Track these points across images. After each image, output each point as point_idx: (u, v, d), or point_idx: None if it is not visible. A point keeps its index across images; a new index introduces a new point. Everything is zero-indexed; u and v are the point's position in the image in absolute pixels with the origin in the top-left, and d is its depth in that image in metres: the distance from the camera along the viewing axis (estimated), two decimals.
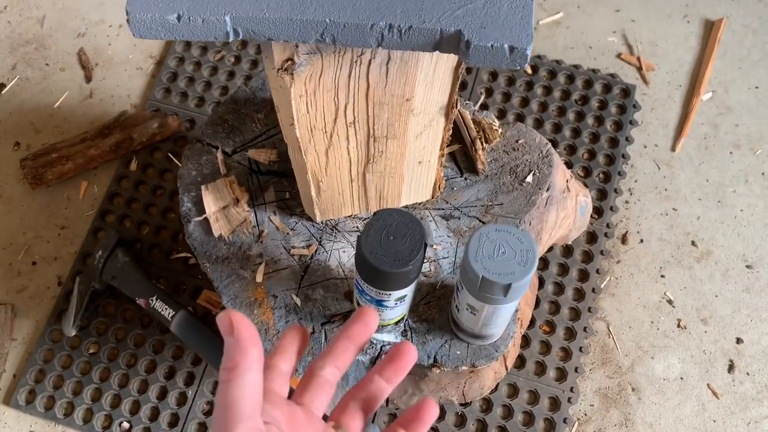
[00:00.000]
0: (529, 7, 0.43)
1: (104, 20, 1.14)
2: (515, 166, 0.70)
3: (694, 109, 1.06)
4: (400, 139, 0.56)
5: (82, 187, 1.04)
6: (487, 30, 0.42)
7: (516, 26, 0.43)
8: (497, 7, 0.44)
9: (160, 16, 0.42)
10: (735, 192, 1.02)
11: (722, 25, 1.10)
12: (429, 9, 0.43)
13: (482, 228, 0.51)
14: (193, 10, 0.43)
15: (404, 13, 0.43)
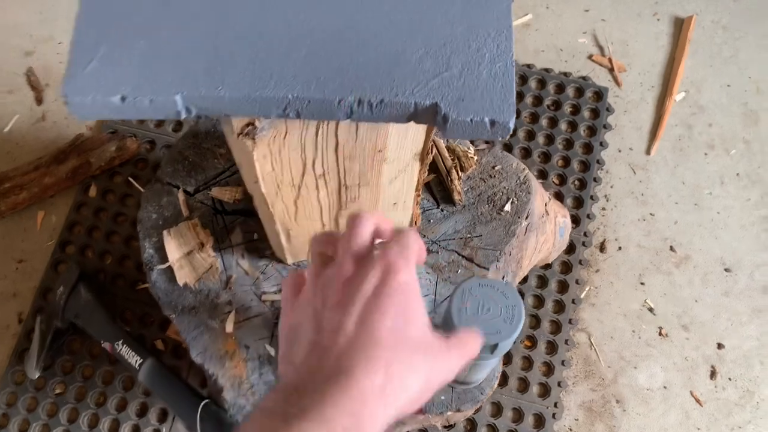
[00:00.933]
0: (509, 74, 0.40)
1: (53, 37, 1.08)
2: (492, 195, 0.68)
3: (668, 110, 1.04)
4: (374, 186, 0.53)
5: (38, 217, 0.98)
6: (466, 102, 0.39)
7: (497, 96, 0.40)
8: (475, 75, 0.41)
9: (103, 97, 0.39)
10: (711, 194, 1.01)
11: (692, 23, 1.08)
12: (401, 80, 0.40)
13: (465, 283, 0.48)
14: (139, 89, 0.39)
15: (374, 86, 0.40)
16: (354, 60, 0.41)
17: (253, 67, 0.40)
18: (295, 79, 0.40)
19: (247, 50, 0.41)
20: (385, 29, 0.42)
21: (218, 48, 0.41)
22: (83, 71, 0.40)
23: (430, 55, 0.41)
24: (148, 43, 0.41)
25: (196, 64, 0.40)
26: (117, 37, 0.41)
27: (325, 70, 0.40)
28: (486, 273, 0.64)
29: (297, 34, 0.42)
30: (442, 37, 0.42)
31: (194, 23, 0.42)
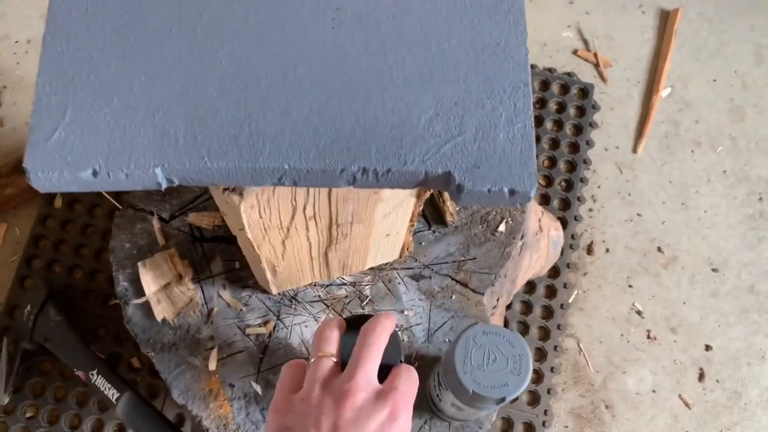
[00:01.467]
0: (529, 137, 0.37)
1: (9, 35, 1.01)
2: (486, 214, 0.65)
3: (654, 107, 1.02)
4: (367, 222, 0.50)
5: (1, 231, 0.93)
6: (482, 170, 0.36)
7: (515, 163, 0.36)
8: (491, 138, 0.37)
9: (71, 173, 0.34)
10: (698, 192, 0.99)
11: (678, 15, 1.06)
12: (410, 145, 0.36)
13: (468, 331, 0.45)
14: (112, 162, 0.35)
15: (380, 153, 0.36)
16: (358, 122, 0.37)
17: (243, 131, 0.36)
18: (291, 146, 0.36)
19: (235, 109, 0.36)
20: (393, 84, 0.38)
21: (200, 106, 0.36)
22: (47, 142, 0.35)
23: (441, 116, 0.37)
24: (120, 102, 0.36)
25: (176, 126, 0.36)
26: (84, 97, 0.36)
27: (325, 134, 0.36)
28: (481, 298, 0.61)
29: (293, 89, 0.37)
30: (454, 95, 0.38)
31: (171, 74, 0.37)
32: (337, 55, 0.38)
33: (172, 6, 0.39)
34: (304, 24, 0.39)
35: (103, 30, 0.38)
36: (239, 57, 0.38)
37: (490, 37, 0.40)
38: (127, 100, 0.37)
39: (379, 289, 0.62)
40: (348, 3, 0.40)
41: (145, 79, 0.37)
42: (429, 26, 0.40)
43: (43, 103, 0.37)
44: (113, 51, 0.38)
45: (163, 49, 0.38)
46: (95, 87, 0.37)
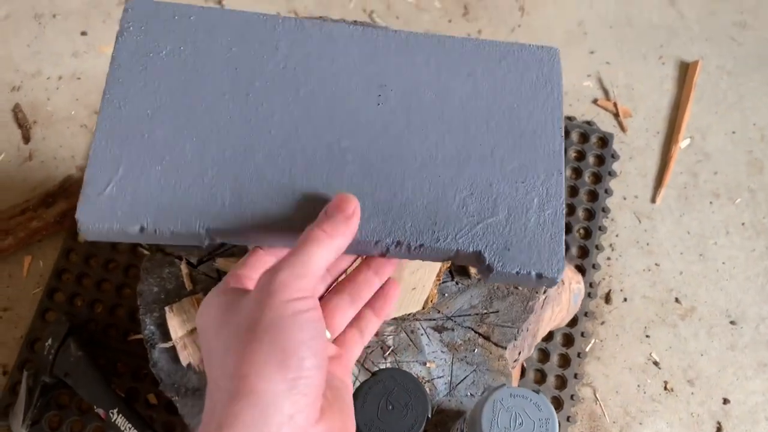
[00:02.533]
0: (559, 223, 0.38)
1: (41, 71, 1.04)
2: None
3: (673, 157, 1.03)
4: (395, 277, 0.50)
5: (25, 263, 0.94)
6: (512, 252, 0.37)
7: (545, 248, 0.37)
8: (523, 222, 0.38)
9: (121, 227, 0.36)
10: (716, 244, 1.00)
11: (698, 67, 1.07)
12: (444, 223, 0.38)
13: (495, 393, 0.46)
14: (160, 221, 0.36)
15: (415, 228, 0.37)
16: (395, 196, 0.38)
17: (287, 200, 0.38)
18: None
19: (280, 176, 0.38)
20: (431, 163, 0.39)
21: (247, 171, 0.38)
22: (100, 195, 0.37)
23: (475, 196, 0.39)
24: (172, 162, 0.38)
25: (223, 189, 0.37)
26: (137, 154, 0.38)
27: (363, 206, 0.37)
28: (503, 352, 0.62)
29: (336, 161, 0.39)
30: (489, 177, 0.39)
31: (222, 138, 0.39)
32: (380, 130, 0.40)
33: (227, 72, 0.40)
34: (351, 98, 0.40)
35: (160, 90, 0.40)
36: (288, 126, 0.39)
37: (527, 123, 0.41)
38: (178, 160, 0.38)
39: (401, 339, 0.63)
40: (394, 81, 0.41)
41: (196, 140, 0.39)
42: (469, 108, 0.41)
43: (98, 158, 0.38)
44: (168, 111, 0.39)
45: (216, 113, 0.39)
46: (149, 145, 0.38)
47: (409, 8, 1.12)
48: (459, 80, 0.42)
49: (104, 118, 0.39)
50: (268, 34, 0.42)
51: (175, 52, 0.41)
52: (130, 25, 0.41)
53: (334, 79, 0.41)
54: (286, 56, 0.41)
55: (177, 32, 0.41)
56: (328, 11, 1.11)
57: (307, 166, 0.38)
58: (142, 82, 0.40)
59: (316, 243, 0.35)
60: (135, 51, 0.40)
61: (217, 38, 0.41)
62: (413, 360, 0.62)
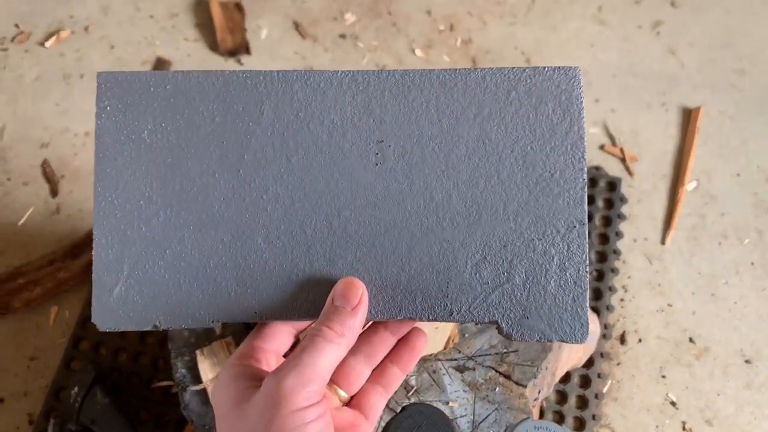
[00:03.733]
0: (582, 283, 0.36)
1: (69, 128, 1.09)
2: None
3: (680, 200, 1.05)
4: None
5: (52, 313, 0.97)
6: (531, 320, 0.35)
7: (567, 311, 0.35)
8: (542, 286, 0.36)
9: (134, 327, 0.37)
10: (727, 284, 1.01)
11: (700, 113, 1.11)
12: (456, 293, 0.36)
13: (519, 427, 0.48)
14: (171, 319, 0.37)
15: (426, 303, 0.36)
16: (402, 269, 0.36)
17: (291, 281, 0.37)
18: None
19: (282, 259, 0.37)
20: (438, 226, 0.37)
21: (249, 257, 0.37)
22: (110, 299, 0.37)
23: (488, 260, 0.36)
24: (172, 255, 0.38)
25: (227, 280, 0.37)
26: (138, 251, 0.37)
27: (370, 283, 0.36)
28: (524, 390, 0.63)
29: (337, 236, 0.37)
30: (502, 236, 0.37)
31: (218, 223, 0.38)
32: (381, 195, 0.38)
33: (214, 147, 0.39)
34: (347, 160, 0.38)
35: (148, 177, 0.38)
36: (284, 201, 0.38)
37: (544, 167, 0.38)
38: (178, 253, 0.37)
39: (424, 379, 0.64)
40: (391, 134, 0.38)
41: (193, 229, 0.38)
42: (477, 157, 0.38)
43: (101, 258, 0.37)
44: (160, 200, 0.38)
45: (208, 195, 0.38)
46: (147, 239, 0.38)
47: (419, 62, 1.17)
48: (464, 124, 0.38)
49: (100, 215, 0.38)
50: (251, 94, 0.38)
51: (157, 130, 0.38)
52: (106, 105, 0.39)
53: (327, 139, 0.38)
54: (272, 121, 0.38)
55: (155, 106, 0.39)
56: (342, 66, 1.16)
57: (309, 244, 0.37)
58: (130, 170, 0.38)
59: (325, 343, 0.34)
60: (117, 134, 0.38)
61: (198, 108, 0.38)
62: (436, 399, 0.64)
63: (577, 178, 0.38)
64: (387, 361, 0.40)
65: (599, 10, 1.23)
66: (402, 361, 0.40)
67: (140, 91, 0.38)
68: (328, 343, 0.34)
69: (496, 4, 1.23)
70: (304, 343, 0.34)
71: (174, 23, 1.19)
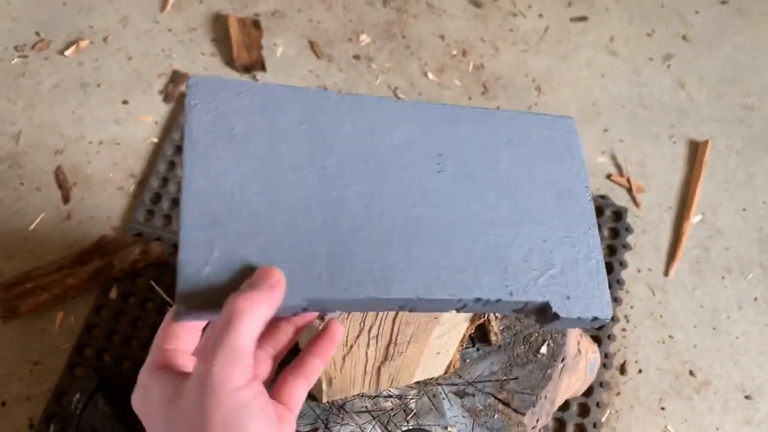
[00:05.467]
0: (602, 271, 0.43)
1: (83, 137, 1.10)
2: (528, 335, 0.68)
3: (685, 232, 1.06)
4: (422, 342, 0.53)
5: (57, 319, 0.98)
6: (572, 300, 0.41)
7: (596, 293, 0.42)
8: (575, 272, 0.42)
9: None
10: (729, 318, 1.02)
11: (707, 147, 1.12)
12: (513, 278, 0.41)
13: None
14: None
15: (491, 284, 0.41)
16: (468, 258, 0.41)
17: (375, 266, 0.40)
18: (416, 279, 0.40)
19: (366, 244, 0.40)
20: (492, 225, 0.43)
21: (336, 242, 0.40)
22: (199, 276, 0.37)
23: (534, 252, 0.43)
24: (264, 240, 0.39)
25: (318, 262, 0.39)
26: (229, 233, 0.38)
27: (443, 268, 0.41)
28: (522, 418, 0.64)
29: (412, 228, 0.42)
30: (541, 234, 0.43)
31: (308, 212, 0.40)
32: (445, 197, 0.44)
33: (301, 147, 0.43)
34: (414, 167, 0.44)
35: (240, 168, 0.41)
36: (364, 196, 0.42)
37: (560, 185, 0.45)
38: (270, 237, 0.39)
39: (423, 403, 0.65)
40: (448, 150, 0.45)
41: (285, 216, 0.40)
42: (514, 174, 0.45)
43: (191, 239, 0.38)
44: (251, 189, 0.40)
45: (299, 187, 0.41)
46: (240, 223, 0.39)
47: (431, 85, 1.18)
48: (501, 149, 0.46)
49: (191, 198, 0.39)
50: (333, 109, 0.44)
51: (247, 129, 0.42)
52: (197, 103, 0.42)
53: (397, 150, 0.44)
54: (351, 132, 0.44)
55: (245, 110, 0.42)
56: (355, 87, 1.17)
57: (388, 234, 0.41)
58: (221, 160, 0.41)
59: (244, 316, 0.34)
60: (207, 129, 0.41)
61: (286, 115, 0.43)
62: (435, 424, 0.64)
63: (584, 194, 0.46)
64: (306, 353, 0.41)
65: (611, 40, 1.24)
66: (321, 352, 0.41)
67: (230, 96, 0.43)
68: (244, 316, 0.34)
69: (508, 32, 1.25)
70: (220, 324, 0.35)
71: (192, 37, 1.21)
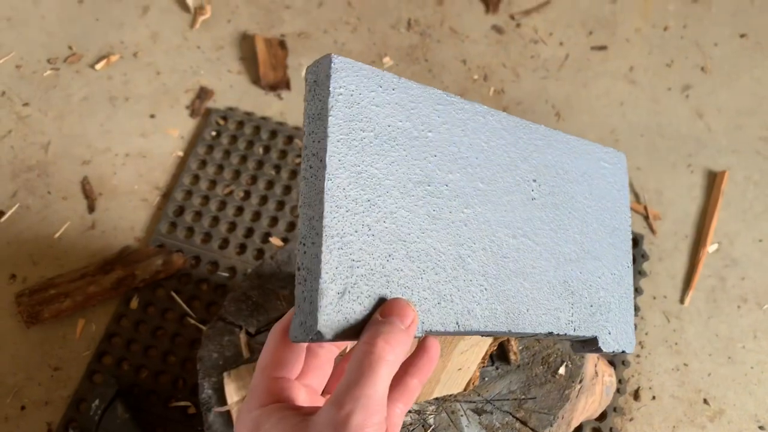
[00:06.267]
0: (632, 308, 0.45)
1: (110, 148, 1.13)
2: (547, 356, 0.69)
3: (701, 261, 1.06)
4: (445, 357, 0.54)
5: (79, 326, 0.99)
6: (612, 335, 0.43)
7: (627, 330, 0.44)
8: (617, 309, 0.45)
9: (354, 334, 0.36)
10: (744, 348, 1.02)
11: (725, 177, 1.13)
12: (577, 312, 0.43)
13: None
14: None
15: (563, 320, 0.42)
16: (550, 291, 0.43)
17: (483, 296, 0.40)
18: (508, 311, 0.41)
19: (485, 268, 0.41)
20: (568, 258, 0.44)
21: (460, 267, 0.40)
22: (337, 305, 0.35)
23: (592, 287, 0.44)
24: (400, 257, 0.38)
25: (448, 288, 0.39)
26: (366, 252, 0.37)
27: (529, 300, 0.42)
28: None
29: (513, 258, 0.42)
30: (598, 270, 0.45)
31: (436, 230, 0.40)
32: (538, 226, 0.44)
33: (431, 159, 0.41)
34: (514, 191, 0.44)
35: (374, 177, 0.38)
36: (476, 220, 0.42)
37: (612, 221, 0.47)
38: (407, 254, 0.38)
39: (442, 419, 0.66)
40: (541, 176, 0.46)
41: (419, 234, 0.39)
42: (587, 207, 0.46)
43: (331, 266, 0.35)
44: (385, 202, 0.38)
45: (424, 205, 0.40)
46: (374, 240, 0.37)
47: None
48: (578, 179, 0.46)
49: (331, 212, 0.36)
50: (457, 116, 0.42)
51: (384, 133, 0.39)
52: (341, 92, 0.38)
53: (503, 171, 0.44)
54: (470, 144, 0.43)
55: (383, 108, 0.39)
56: None
57: (496, 264, 0.41)
58: (357, 166, 0.37)
59: (381, 363, 0.33)
60: (347, 130, 0.38)
61: (418, 120, 0.41)
62: None
63: (628, 233, 0.48)
64: (404, 374, 0.38)
65: (630, 70, 1.26)
66: (420, 372, 0.39)
67: (370, 88, 0.39)
68: (384, 363, 0.33)
69: (529, 58, 1.27)
70: (356, 367, 0.33)
71: (219, 55, 1.24)
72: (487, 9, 1.31)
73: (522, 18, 1.31)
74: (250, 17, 1.29)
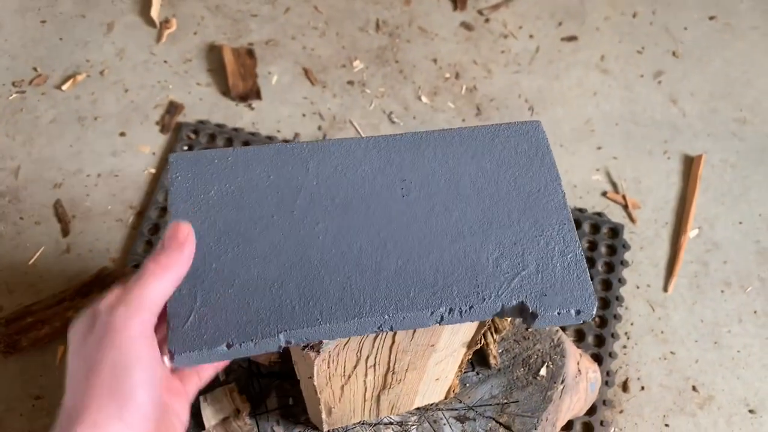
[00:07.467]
0: (581, 264, 0.43)
1: (82, 169, 1.11)
2: (527, 357, 0.68)
3: (683, 247, 1.06)
4: (420, 369, 0.54)
5: (59, 352, 0.98)
6: (548, 297, 0.42)
7: (575, 287, 0.43)
8: (551, 269, 0.43)
9: (209, 350, 0.40)
10: (730, 332, 1.02)
11: (701, 161, 1.12)
12: (485, 284, 0.43)
13: None
14: (242, 335, 0.41)
15: (461, 294, 0.42)
16: (438, 271, 0.43)
17: (346, 291, 0.42)
18: (387, 298, 0.42)
19: (335, 274, 0.43)
20: (460, 235, 0.45)
21: (307, 276, 0.43)
22: (185, 326, 0.41)
23: (505, 255, 0.44)
24: (241, 283, 0.43)
25: (291, 296, 0.42)
26: (210, 283, 0.42)
27: (412, 285, 0.42)
28: None
29: (379, 251, 0.44)
30: (512, 236, 0.45)
31: (280, 253, 0.44)
32: (411, 218, 0.46)
33: (271, 197, 0.46)
34: (379, 195, 0.47)
35: (217, 225, 0.45)
36: (332, 230, 0.45)
37: (531, 185, 0.47)
38: (246, 280, 0.43)
39: (425, 429, 0.65)
40: (411, 175, 0.48)
41: (258, 260, 0.44)
42: (479, 184, 0.47)
43: (177, 293, 0.42)
44: (228, 240, 0.44)
45: (269, 233, 0.45)
46: (218, 273, 0.43)
47: (426, 109, 1.19)
48: (465, 163, 0.48)
49: None
50: (297, 157, 0.48)
51: (222, 189, 0.46)
52: (178, 175, 0.47)
53: (362, 182, 0.47)
54: (316, 173, 0.47)
55: (219, 173, 0.47)
56: (350, 112, 1.18)
57: (357, 260, 0.44)
58: (200, 221, 0.45)
59: (152, 277, 0.39)
60: (187, 196, 0.46)
61: (256, 170, 0.47)
62: None
63: (557, 190, 0.47)
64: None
65: (602, 59, 1.25)
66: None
67: (206, 163, 0.47)
68: (154, 276, 0.39)
69: (500, 53, 1.26)
70: (132, 277, 0.39)
71: (187, 68, 1.22)
72: (454, 6, 1.30)
73: (490, 13, 1.30)
74: (217, 28, 1.27)
